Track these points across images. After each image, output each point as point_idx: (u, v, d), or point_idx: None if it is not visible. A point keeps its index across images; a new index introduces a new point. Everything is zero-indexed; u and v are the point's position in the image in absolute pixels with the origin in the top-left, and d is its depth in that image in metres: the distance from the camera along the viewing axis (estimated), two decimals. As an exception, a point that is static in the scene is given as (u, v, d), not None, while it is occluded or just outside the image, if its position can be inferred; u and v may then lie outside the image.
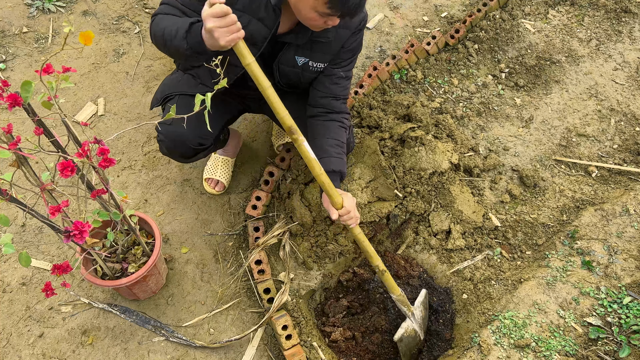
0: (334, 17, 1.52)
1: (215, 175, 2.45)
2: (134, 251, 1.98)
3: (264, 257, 2.19)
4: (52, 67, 1.17)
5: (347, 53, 1.87)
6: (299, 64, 1.84)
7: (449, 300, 2.23)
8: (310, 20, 1.56)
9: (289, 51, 1.81)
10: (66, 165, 1.16)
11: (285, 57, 1.83)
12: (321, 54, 1.82)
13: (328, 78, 1.90)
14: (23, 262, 1.30)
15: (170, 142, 1.91)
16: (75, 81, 2.86)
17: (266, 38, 1.69)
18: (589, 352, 1.89)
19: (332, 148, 1.93)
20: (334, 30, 1.75)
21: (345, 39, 1.80)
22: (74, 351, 2.03)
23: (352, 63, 1.94)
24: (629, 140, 2.63)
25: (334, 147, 1.93)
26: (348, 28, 1.77)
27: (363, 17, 1.80)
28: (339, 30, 1.75)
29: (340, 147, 1.95)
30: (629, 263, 2.11)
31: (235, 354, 2.07)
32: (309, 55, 1.82)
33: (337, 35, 1.77)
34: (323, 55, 1.83)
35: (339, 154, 1.94)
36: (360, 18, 1.78)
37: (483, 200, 2.42)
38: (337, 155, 1.92)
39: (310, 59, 1.83)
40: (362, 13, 1.76)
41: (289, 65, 1.85)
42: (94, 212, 1.58)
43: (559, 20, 3.16)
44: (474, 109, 2.77)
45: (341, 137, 1.96)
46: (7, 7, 3.11)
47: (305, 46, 1.79)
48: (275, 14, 1.65)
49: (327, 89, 1.92)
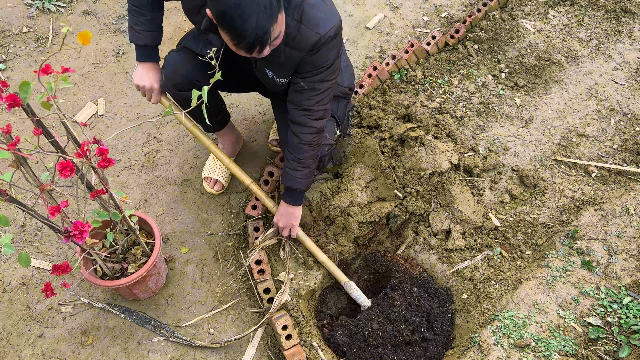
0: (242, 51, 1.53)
1: (213, 175, 2.45)
2: (134, 251, 1.98)
3: (264, 257, 2.19)
4: (50, 68, 1.17)
5: (307, 66, 1.80)
6: (269, 77, 1.89)
7: (449, 300, 2.23)
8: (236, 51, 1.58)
9: (260, 63, 1.86)
10: (65, 165, 1.17)
11: (259, 67, 1.88)
12: (281, 70, 1.84)
13: (292, 85, 1.89)
14: (23, 262, 1.30)
15: (170, 68, 1.97)
16: (75, 81, 2.86)
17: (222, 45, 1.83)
18: (589, 352, 1.89)
19: (287, 162, 2.03)
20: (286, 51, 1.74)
21: (298, 59, 1.77)
22: (73, 351, 2.03)
23: (318, 77, 1.82)
24: (629, 140, 2.63)
25: (289, 162, 2.01)
26: (299, 49, 1.73)
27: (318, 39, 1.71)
28: (290, 50, 1.73)
29: (295, 162, 1.99)
30: (628, 263, 2.11)
31: (235, 354, 2.07)
32: (273, 70, 1.85)
33: (289, 56, 1.76)
34: (283, 71, 1.84)
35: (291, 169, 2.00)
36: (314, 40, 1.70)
37: (483, 200, 2.42)
38: (287, 172, 2.02)
39: (275, 74, 1.87)
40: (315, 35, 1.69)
41: (263, 75, 1.91)
42: (94, 212, 1.59)
43: (558, 20, 3.16)
44: (474, 109, 2.77)
45: (297, 153, 1.97)
46: (7, 7, 3.11)
47: (268, 61, 1.81)
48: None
49: (291, 96, 1.91)
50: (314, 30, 1.68)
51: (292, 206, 2.10)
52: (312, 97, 1.86)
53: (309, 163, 2.00)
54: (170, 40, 3.06)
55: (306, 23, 1.67)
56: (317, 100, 1.87)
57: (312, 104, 1.87)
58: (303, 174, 2.00)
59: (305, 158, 1.98)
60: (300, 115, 1.90)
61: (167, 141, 2.65)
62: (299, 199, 2.09)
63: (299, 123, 1.91)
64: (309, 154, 1.97)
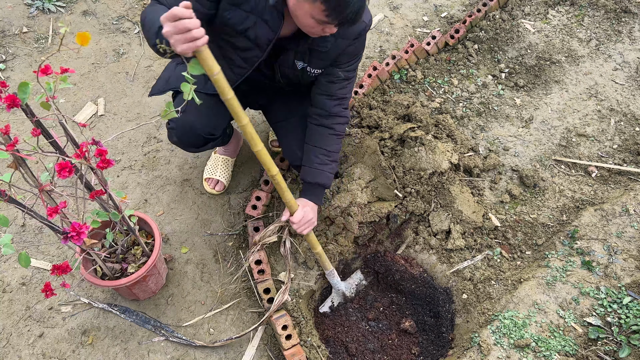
0: (332, 25, 1.50)
1: (215, 175, 2.45)
2: (134, 251, 1.98)
3: (264, 257, 2.19)
4: (50, 68, 1.17)
5: (346, 57, 1.84)
6: (299, 68, 1.85)
7: (449, 300, 2.23)
8: (307, 27, 1.55)
9: (288, 54, 1.81)
10: (64, 166, 1.16)
11: (286, 59, 1.83)
12: (319, 61, 1.82)
13: (326, 77, 1.90)
14: (23, 262, 1.30)
15: (181, 130, 1.91)
16: (75, 81, 2.86)
17: (270, 41, 1.69)
18: (589, 352, 1.89)
19: (315, 158, 1.96)
20: (332, 40, 1.73)
21: (343, 48, 1.79)
22: (74, 351, 2.03)
23: (353, 65, 1.91)
24: (629, 140, 2.63)
25: (318, 156, 1.96)
26: (346, 38, 1.75)
27: (364, 27, 1.76)
28: (337, 40, 1.73)
29: (325, 157, 1.96)
30: (628, 263, 2.11)
31: (235, 354, 2.07)
32: (307, 61, 1.82)
33: (335, 45, 1.75)
34: (321, 61, 1.82)
35: (320, 164, 1.96)
36: (361, 27, 1.74)
37: (483, 200, 2.42)
38: (316, 167, 1.96)
39: (308, 65, 1.83)
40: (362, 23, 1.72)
41: (288, 67, 1.86)
42: (93, 212, 1.58)
43: (558, 20, 3.16)
44: (473, 109, 2.77)
45: (330, 146, 1.96)
46: (7, 7, 3.11)
47: (304, 51, 1.78)
48: (278, 16, 1.64)
49: (323, 87, 1.92)
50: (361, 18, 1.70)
51: (314, 204, 2.01)
52: (346, 86, 1.91)
53: (337, 156, 2.00)
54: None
55: None
56: (349, 89, 1.94)
57: (346, 93, 1.93)
58: (332, 168, 1.98)
59: (336, 150, 1.98)
60: (334, 106, 1.93)
61: (167, 141, 2.65)
62: (321, 197, 2.03)
63: (333, 114, 1.94)
64: (339, 145, 1.99)
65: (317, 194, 2.02)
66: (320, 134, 1.96)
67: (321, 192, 2.03)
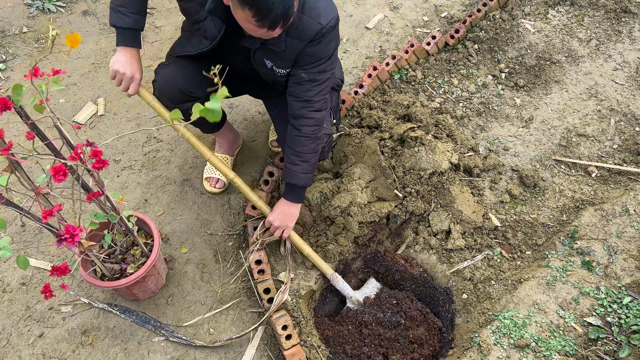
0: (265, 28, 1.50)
1: (215, 174, 2.45)
2: (133, 252, 1.98)
3: (264, 257, 2.19)
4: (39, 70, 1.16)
5: (308, 57, 1.80)
6: (268, 67, 1.87)
7: (449, 300, 2.23)
8: (250, 30, 1.56)
9: (258, 53, 1.84)
10: (58, 169, 1.16)
11: (257, 58, 1.86)
12: (280, 61, 1.83)
13: (292, 78, 1.89)
14: (21, 264, 1.30)
15: (162, 80, 1.92)
16: (75, 81, 2.86)
17: (214, 38, 1.77)
18: (589, 352, 1.89)
19: (286, 157, 2.02)
20: (288, 40, 1.73)
21: (299, 49, 1.76)
22: (74, 351, 2.03)
23: (317, 68, 1.83)
24: (629, 140, 2.63)
25: (289, 156, 2.00)
26: (300, 39, 1.73)
27: (320, 29, 1.71)
28: (292, 40, 1.73)
29: (295, 157, 1.98)
30: (628, 263, 2.11)
31: (235, 354, 2.07)
32: (273, 60, 1.84)
33: (290, 45, 1.75)
34: (282, 61, 1.83)
35: (290, 164, 1.99)
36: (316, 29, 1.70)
37: (483, 200, 2.42)
38: (287, 167, 2.01)
39: (274, 64, 1.85)
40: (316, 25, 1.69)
41: (261, 65, 1.89)
42: (91, 213, 1.58)
43: (558, 20, 3.16)
44: (473, 109, 2.77)
45: (295, 146, 1.96)
46: (7, 7, 3.11)
47: (267, 51, 1.80)
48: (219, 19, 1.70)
49: (291, 88, 1.91)
50: (316, 20, 1.69)
51: (292, 204, 2.07)
52: (313, 88, 1.87)
53: (309, 157, 1.99)
54: (170, 40, 3.06)
55: (308, 13, 1.67)
56: (317, 91, 1.88)
57: (313, 95, 1.88)
58: (303, 168, 1.99)
59: (305, 152, 1.97)
60: (300, 108, 1.90)
61: (167, 141, 2.65)
62: (300, 195, 2.07)
63: (299, 116, 1.92)
64: (309, 147, 1.97)
65: (295, 193, 2.06)
66: (289, 134, 1.98)
67: (299, 191, 2.05)
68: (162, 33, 3.11)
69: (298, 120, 1.92)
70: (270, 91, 2.17)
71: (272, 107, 2.25)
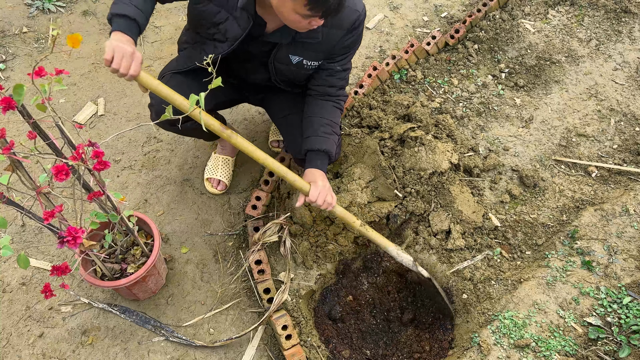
0: (316, 17, 1.50)
1: (216, 175, 2.45)
2: (133, 252, 1.98)
3: (264, 257, 2.19)
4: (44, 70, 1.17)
5: (343, 49, 1.83)
6: (294, 63, 1.84)
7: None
8: (293, 22, 1.55)
9: (282, 50, 1.81)
10: (60, 169, 1.16)
11: (280, 55, 1.83)
12: (313, 53, 1.81)
13: (325, 71, 1.90)
14: (21, 264, 1.30)
15: (160, 106, 1.86)
16: (75, 81, 2.86)
17: (237, 38, 1.71)
18: (589, 352, 1.89)
19: (321, 127, 1.93)
20: (324, 31, 1.72)
21: (338, 39, 1.77)
22: (74, 351, 2.03)
23: (349, 56, 1.92)
24: (629, 140, 2.63)
25: (324, 126, 1.93)
26: (340, 28, 1.73)
27: (357, 16, 1.74)
28: (330, 30, 1.72)
29: (330, 127, 1.94)
30: (628, 263, 2.11)
31: (235, 354, 2.07)
32: (302, 54, 1.81)
33: (328, 36, 1.74)
34: (316, 54, 1.81)
35: (326, 133, 1.93)
36: (354, 17, 1.73)
37: (483, 200, 2.42)
38: (323, 135, 1.92)
39: (304, 58, 1.82)
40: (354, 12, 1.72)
41: (283, 63, 1.86)
42: (92, 213, 1.58)
43: (558, 20, 3.16)
44: (473, 109, 2.77)
45: (333, 117, 1.96)
46: (7, 7, 3.11)
47: (297, 45, 1.78)
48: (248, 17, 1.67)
49: (324, 81, 1.92)
50: (353, 7, 1.69)
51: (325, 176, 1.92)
52: (345, 76, 1.96)
53: (339, 130, 2.02)
54: (170, 40, 3.06)
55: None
56: (347, 77, 1.98)
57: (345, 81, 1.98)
58: (336, 139, 1.97)
59: (338, 123, 2.00)
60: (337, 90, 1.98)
61: (167, 141, 2.65)
62: (326, 165, 1.97)
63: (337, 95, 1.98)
64: (339, 120, 2.02)
65: (323, 161, 1.94)
66: (324, 107, 1.96)
67: (326, 161, 1.97)
68: (162, 33, 3.11)
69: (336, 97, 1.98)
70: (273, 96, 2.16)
71: (277, 113, 2.20)
